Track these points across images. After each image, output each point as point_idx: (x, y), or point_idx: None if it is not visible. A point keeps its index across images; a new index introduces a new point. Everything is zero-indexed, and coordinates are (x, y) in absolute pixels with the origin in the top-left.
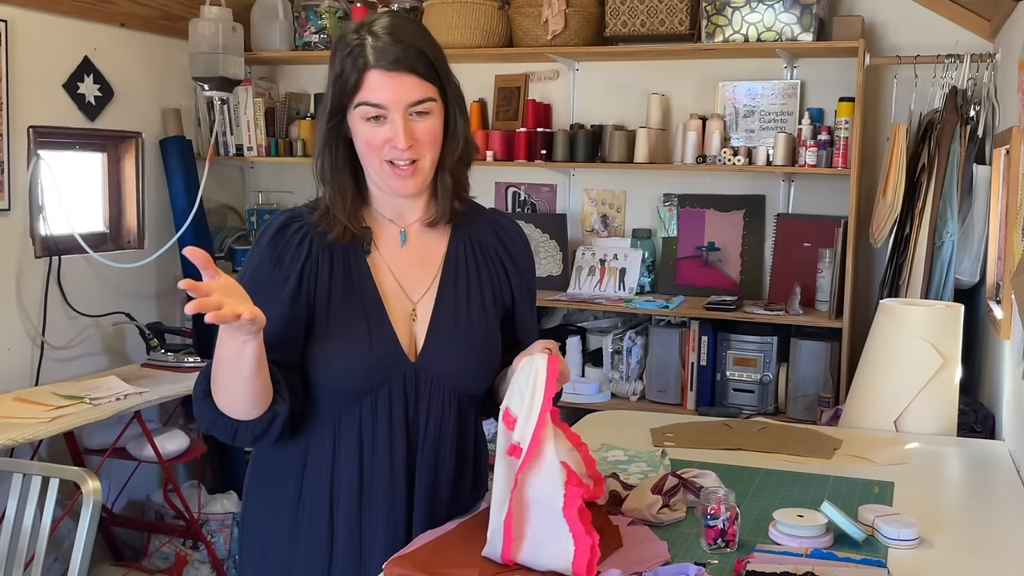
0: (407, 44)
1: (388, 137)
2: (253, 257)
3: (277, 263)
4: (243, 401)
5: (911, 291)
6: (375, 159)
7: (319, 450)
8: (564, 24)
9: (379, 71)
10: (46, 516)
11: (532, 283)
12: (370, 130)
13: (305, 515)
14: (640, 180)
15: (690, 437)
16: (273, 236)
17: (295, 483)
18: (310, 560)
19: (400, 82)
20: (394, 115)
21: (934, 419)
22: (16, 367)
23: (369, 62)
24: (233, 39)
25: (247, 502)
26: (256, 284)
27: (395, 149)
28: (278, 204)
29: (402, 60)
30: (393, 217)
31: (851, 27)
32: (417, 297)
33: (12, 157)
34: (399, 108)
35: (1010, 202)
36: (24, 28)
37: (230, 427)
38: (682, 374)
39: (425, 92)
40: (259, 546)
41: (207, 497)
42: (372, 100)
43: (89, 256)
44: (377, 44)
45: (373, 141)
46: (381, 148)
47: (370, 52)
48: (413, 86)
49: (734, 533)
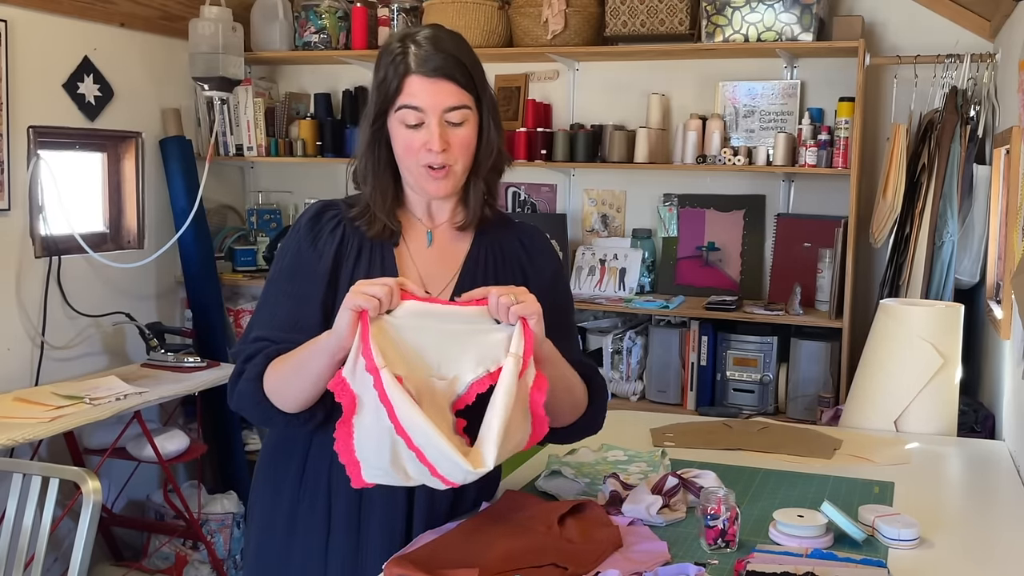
0: (447, 54)
1: (425, 141)
2: (292, 241)
3: (313, 244)
4: (296, 394)
5: (911, 291)
6: (412, 162)
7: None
8: (564, 24)
9: (419, 76)
10: (46, 516)
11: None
12: (409, 134)
13: (306, 495)
14: (640, 180)
15: (690, 437)
16: (310, 220)
17: (299, 463)
18: (308, 543)
19: (438, 87)
20: (431, 119)
21: (934, 419)
22: (16, 367)
23: (410, 67)
24: (233, 39)
25: (256, 480)
26: (297, 265)
27: (431, 152)
28: (278, 204)
29: (441, 68)
30: (423, 218)
31: (851, 27)
32: (435, 293)
33: (12, 157)
34: (436, 113)
35: (1010, 202)
36: (24, 28)
37: (267, 414)
38: (682, 374)
39: (461, 99)
40: (262, 526)
41: (207, 497)
42: (411, 103)
43: (89, 256)
44: (419, 52)
45: (411, 145)
46: (418, 152)
47: (412, 59)
48: (450, 92)
49: (734, 533)
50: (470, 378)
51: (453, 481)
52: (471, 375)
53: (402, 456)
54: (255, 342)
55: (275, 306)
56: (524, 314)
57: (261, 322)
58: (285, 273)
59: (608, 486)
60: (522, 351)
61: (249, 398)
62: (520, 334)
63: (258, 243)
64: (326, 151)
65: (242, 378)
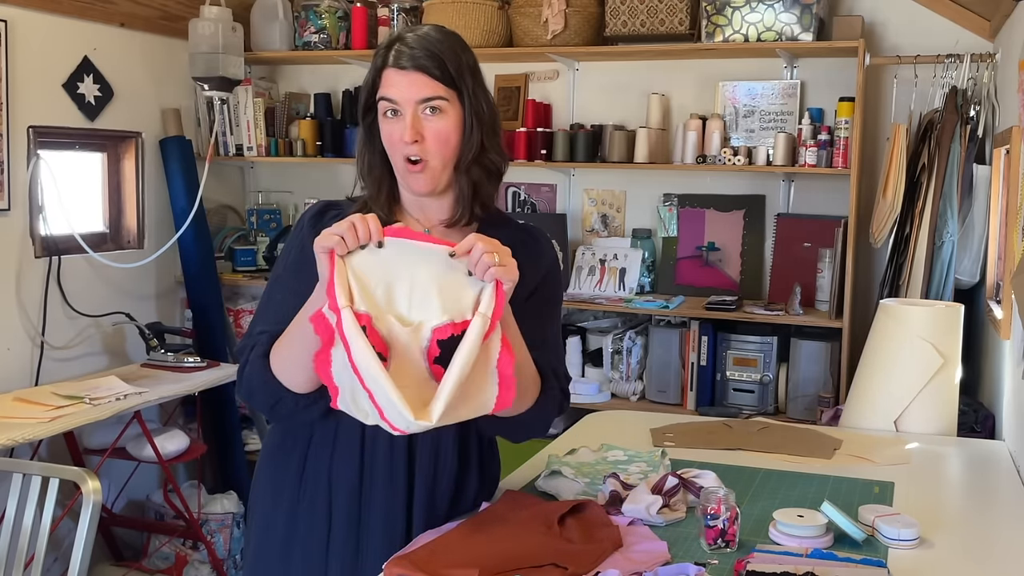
0: (426, 49)
1: (401, 133)
2: (295, 239)
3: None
4: (301, 364)
5: (911, 291)
6: (396, 157)
7: (322, 431)
8: (564, 24)
9: (394, 69)
10: (46, 516)
11: (550, 293)
12: (389, 125)
13: (306, 495)
14: (640, 180)
15: (690, 437)
16: (313, 217)
17: (299, 463)
18: (308, 543)
19: (411, 79)
20: (406, 111)
21: (934, 419)
22: (16, 367)
23: (388, 62)
24: (233, 39)
25: (256, 480)
26: (300, 262)
27: (406, 144)
28: (278, 204)
29: (415, 60)
30: (419, 216)
31: (851, 27)
32: None
33: (12, 157)
34: (410, 104)
35: (1010, 202)
36: (24, 28)
37: (275, 394)
38: (682, 374)
39: (435, 91)
40: (263, 526)
41: (207, 497)
42: (387, 95)
43: (89, 256)
44: (400, 48)
45: (391, 137)
46: (397, 145)
47: (392, 54)
48: (423, 84)
49: (734, 533)
50: (434, 323)
51: (399, 427)
52: (435, 320)
53: (359, 393)
54: (259, 335)
55: (279, 303)
56: (501, 277)
57: (265, 318)
58: (289, 270)
59: (608, 486)
60: (491, 313)
61: (257, 376)
62: (492, 295)
63: (258, 243)
64: (326, 151)
65: (250, 356)
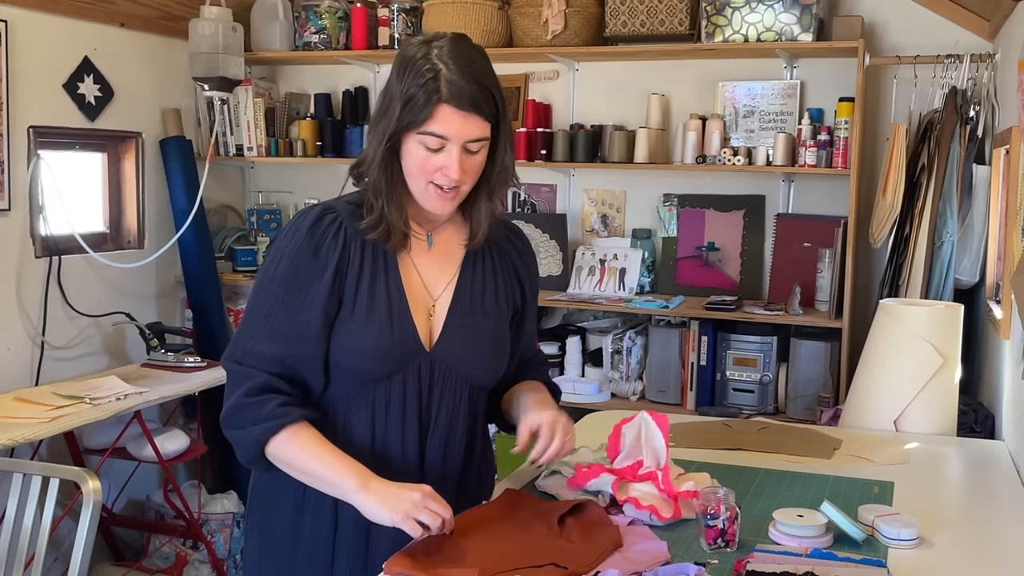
0: (480, 85)
1: (441, 165)
2: (288, 246)
3: (315, 253)
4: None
5: (911, 291)
6: (423, 180)
7: (332, 434)
8: (564, 24)
9: (451, 108)
10: (46, 516)
11: (536, 293)
12: (426, 156)
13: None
14: (640, 180)
15: (690, 437)
16: (311, 226)
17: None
18: (314, 545)
19: (466, 120)
20: (452, 147)
21: (934, 419)
22: (16, 367)
23: (443, 96)
24: (233, 39)
25: (257, 478)
26: (294, 272)
27: (446, 177)
28: (278, 204)
29: (474, 101)
30: (422, 222)
31: (851, 27)
32: (437, 294)
33: (12, 157)
34: (459, 142)
35: (1010, 202)
36: (24, 28)
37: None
38: (682, 374)
39: (484, 132)
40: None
41: (207, 497)
42: (438, 132)
43: (89, 256)
44: (452, 79)
45: (426, 166)
46: (432, 173)
47: (445, 86)
48: (476, 126)
49: (734, 533)
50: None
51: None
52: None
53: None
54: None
55: (270, 315)
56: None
57: (255, 329)
58: (281, 280)
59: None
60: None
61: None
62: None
63: (258, 243)
64: (326, 151)
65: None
